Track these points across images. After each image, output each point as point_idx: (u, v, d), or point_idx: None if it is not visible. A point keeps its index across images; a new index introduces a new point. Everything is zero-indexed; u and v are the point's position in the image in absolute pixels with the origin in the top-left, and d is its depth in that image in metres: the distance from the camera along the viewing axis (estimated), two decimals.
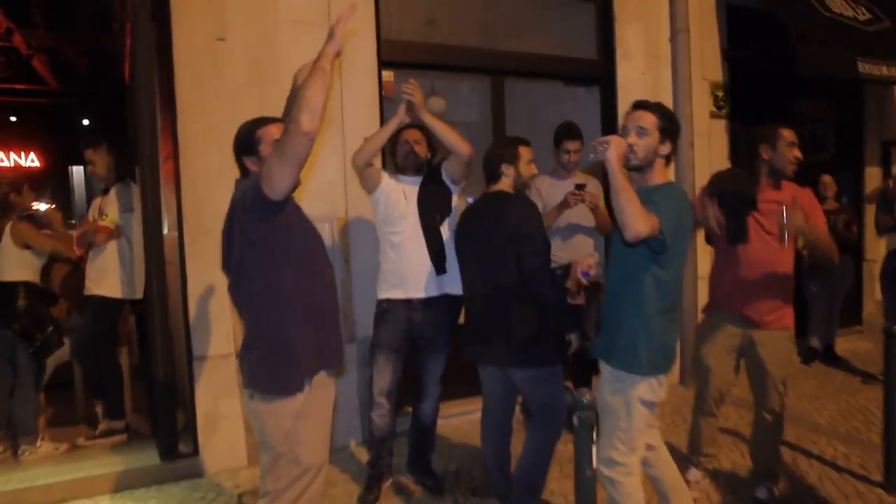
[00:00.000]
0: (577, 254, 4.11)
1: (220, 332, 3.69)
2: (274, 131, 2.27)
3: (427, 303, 3.28)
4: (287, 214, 2.13)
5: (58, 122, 11.68)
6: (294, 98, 2.01)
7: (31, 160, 12.54)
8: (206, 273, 3.60)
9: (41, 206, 4.84)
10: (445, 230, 3.36)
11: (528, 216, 2.86)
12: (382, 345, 3.27)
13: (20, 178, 4.15)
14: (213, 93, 3.66)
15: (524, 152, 3.04)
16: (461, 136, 3.23)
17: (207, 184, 3.60)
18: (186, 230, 3.59)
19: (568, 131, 4.10)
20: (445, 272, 3.29)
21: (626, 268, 2.39)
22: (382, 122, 4.07)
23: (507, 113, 4.71)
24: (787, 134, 3.05)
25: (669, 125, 2.38)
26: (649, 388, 2.35)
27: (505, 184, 3.00)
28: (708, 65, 5.34)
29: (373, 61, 4.05)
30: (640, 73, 5.03)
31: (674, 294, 2.39)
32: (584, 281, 2.99)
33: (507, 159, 3.00)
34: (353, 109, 3.99)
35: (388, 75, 4.19)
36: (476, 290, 3.00)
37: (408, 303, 3.27)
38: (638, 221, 2.10)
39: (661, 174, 2.41)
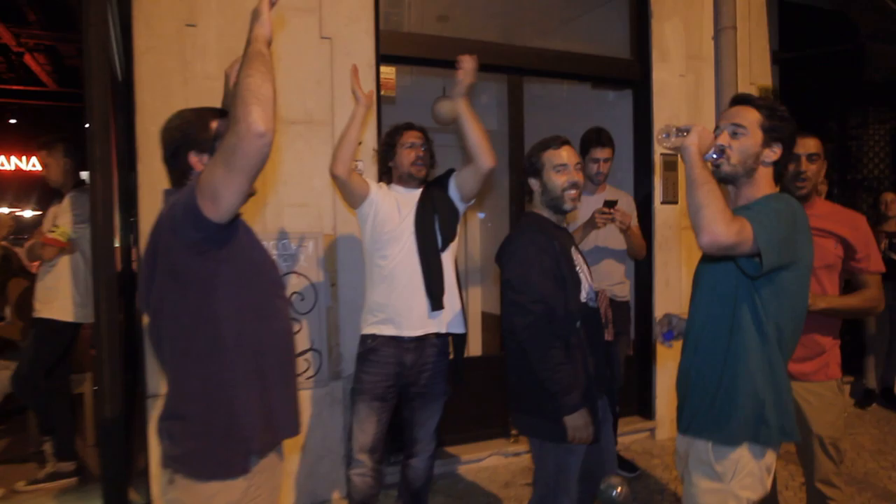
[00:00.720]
0: (606, 282, 3.53)
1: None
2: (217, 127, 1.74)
3: (421, 342, 2.72)
4: (232, 241, 1.60)
5: (58, 125, 11.35)
6: (234, 96, 1.45)
7: (33, 164, 12.23)
8: None
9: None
10: (449, 258, 2.79)
11: (513, 255, 2.27)
12: (365, 391, 2.69)
13: None
14: (180, 87, 3.14)
15: (552, 157, 2.33)
16: (489, 140, 2.67)
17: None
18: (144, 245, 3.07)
19: (597, 138, 3.54)
20: (442, 308, 2.72)
21: (713, 305, 1.83)
22: (380, 126, 3.52)
23: (527, 119, 4.13)
24: (803, 144, 2.49)
25: (780, 125, 1.83)
26: (756, 471, 1.77)
27: (535, 202, 2.41)
28: (756, 67, 4.71)
29: (370, 54, 3.51)
30: (678, 76, 4.43)
31: (787, 340, 1.80)
32: (665, 344, 2.17)
33: (529, 170, 2.39)
34: (345, 110, 3.44)
35: (387, 72, 3.64)
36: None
37: (398, 341, 2.71)
38: (718, 222, 1.58)
39: (768, 187, 1.85)
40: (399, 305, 2.70)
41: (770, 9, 4.78)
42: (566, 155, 2.33)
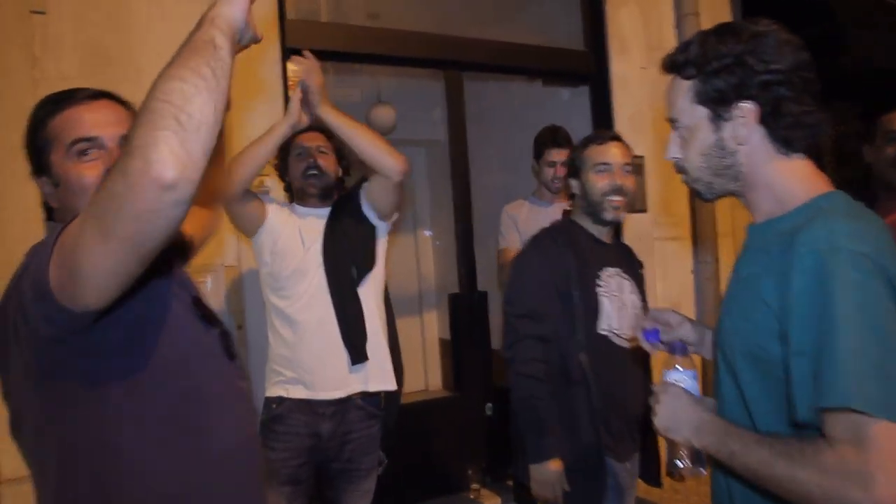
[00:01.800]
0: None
1: None
2: (88, 120, 1.15)
3: (342, 405, 2.12)
4: (116, 327, 1.02)
5: None
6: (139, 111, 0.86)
7: None
8: None
9: None
10: (370, 292, 2.20)
11: (513, 266, 2.09)
12: (272, 472, 2.07)
13: None
14: (28, 89, 2.49)
15: (595, 154, 2.02)
16: (386, 142, 2.10)
17: (20, 223, 2.43)
18: None
19: (553, 138, 3.04)
20: (365, 360, 2.12)
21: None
22: None
23: (470, 124, 3.58)
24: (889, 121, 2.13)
25: (714, 79, 1.06)
26: None
27: (575, 208, 2.18)
28: None
29: (275, 47, 2.90)
30: (639, 68, 3.93)
31: None
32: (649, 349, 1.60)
33: (570, 169, 2.12)
34: (247, 113, 2.83)
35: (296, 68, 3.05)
36: None
37: (311, 405, 2.10)
38: None
39: (795, 180, 1.07)
40: (309, 360, 2.10)
41: None
42: (613, 153, 2.00)
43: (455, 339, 3.61)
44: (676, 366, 1.20)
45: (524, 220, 3.11)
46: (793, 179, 1.07)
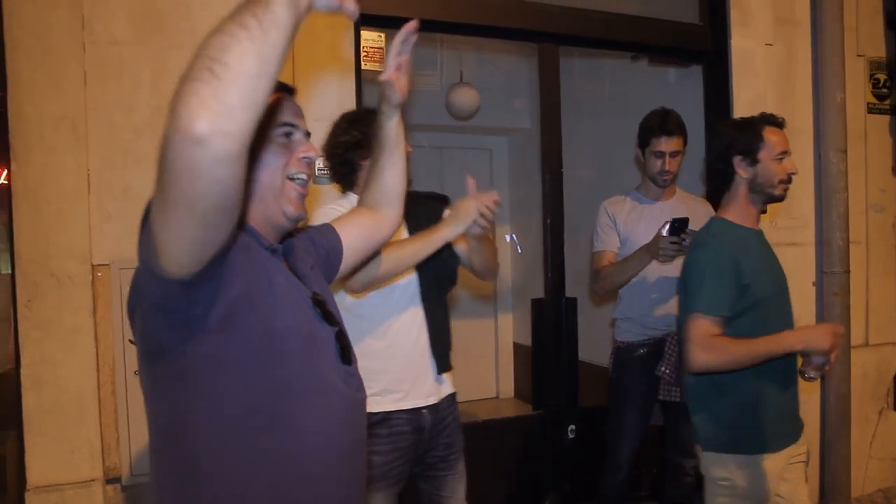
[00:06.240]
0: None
1: (77, 443, 2.23)
2: None
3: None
4: (224, 302, 0.98)
5: None
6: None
7: None
8: (51, 346, 2.18)
9: None
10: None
11: None
12: (381, 475, 2.05)
13: None
14: (75, 55, 2.24)
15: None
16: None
17: (60, 201, 2.20)
18: (20, 278, 2.17)
19: (662, 124, 2.56)
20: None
21: None
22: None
23: (565, 101, 3.14)
24: None
25: None
26: None
27: None
28: (865, 35, 3.62)
29: None
30: (763, 45, 3.37)
31: None
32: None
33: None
34: (316, 84, 2.50)
35: (372, 38, 2.69)
36: None
37: None
38: None
39: None
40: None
41: None
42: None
43: (537, 349, 3.19)
44: None
45: (625, 218, 2.67)
46: None
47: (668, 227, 2.36)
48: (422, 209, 2.05)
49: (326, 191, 2.48)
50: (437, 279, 2.10)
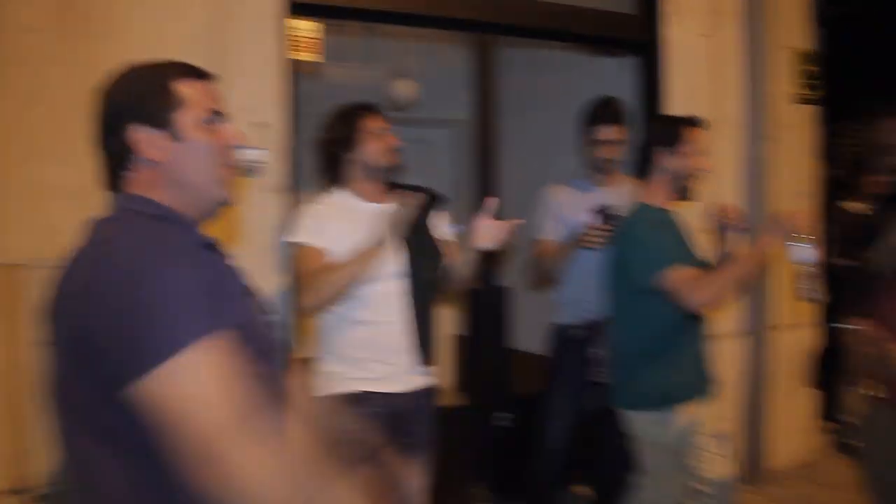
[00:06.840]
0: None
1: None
2: None
3: None
4: None
5: None
6: None
7: None
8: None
9: None
10: None
11: None
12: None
13: None
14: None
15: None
16: None
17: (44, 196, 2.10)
18: None
19: (604, 113, 2.61)
20: None
21: None
22: (298, 108, 2.51)
23: (502, 94, 3.14)
24: None
25: None
26: None
27: None
28: (790, 27, 3.73)
29: (274, 1, 2.48)
30: (696, 35, 3.44)
31: None
32: None
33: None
34: (241, 82, 2.42)
35: (304, 27, 2.63)
36: None
37: None
38: None
39: None
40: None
41: None
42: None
43: (469, 338, 3.18)
44: None
45: (568, 206, 2.70)
46: None
47: (596, 215, 2.44)
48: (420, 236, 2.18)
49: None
50: (427, 281, 2.18)
